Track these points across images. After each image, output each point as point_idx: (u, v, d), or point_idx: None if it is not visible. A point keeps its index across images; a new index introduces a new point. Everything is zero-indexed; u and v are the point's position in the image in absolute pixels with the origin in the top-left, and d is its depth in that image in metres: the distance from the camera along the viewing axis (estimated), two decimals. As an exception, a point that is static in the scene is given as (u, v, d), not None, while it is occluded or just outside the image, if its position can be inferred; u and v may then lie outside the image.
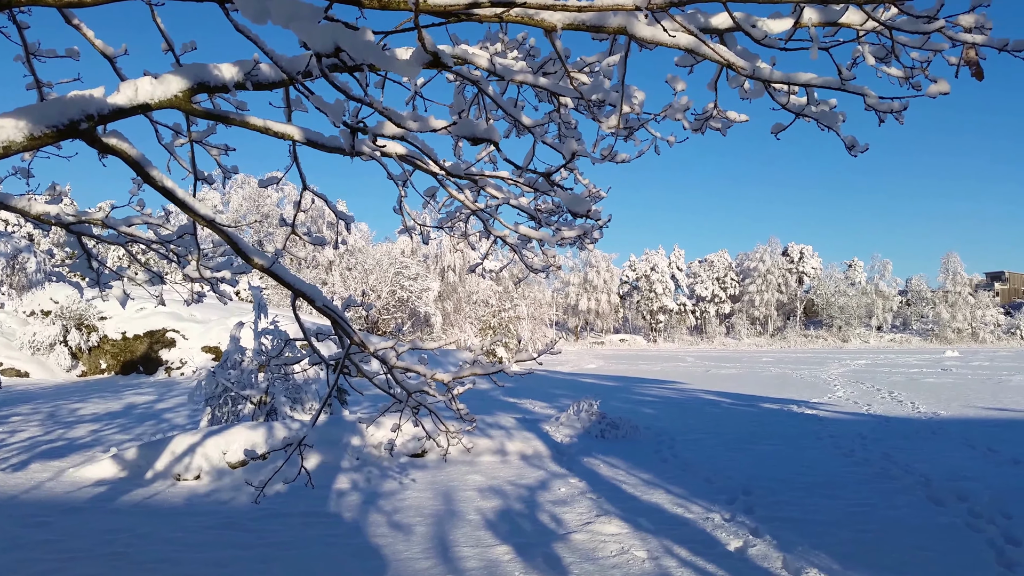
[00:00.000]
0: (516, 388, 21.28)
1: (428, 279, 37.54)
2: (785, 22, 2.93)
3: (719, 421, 13.93)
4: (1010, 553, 5.62)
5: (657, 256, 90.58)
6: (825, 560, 5.45)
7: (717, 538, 6.01)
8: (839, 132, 2.87)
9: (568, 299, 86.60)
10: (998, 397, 18.64)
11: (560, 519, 6.61)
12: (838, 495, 7.59)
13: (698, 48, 2.75)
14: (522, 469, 8.88)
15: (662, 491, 7.73)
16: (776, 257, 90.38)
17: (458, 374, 4.34)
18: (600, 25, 2.89)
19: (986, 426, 13.01)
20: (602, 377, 28.14)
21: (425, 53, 1.66)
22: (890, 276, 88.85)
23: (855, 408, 16.39)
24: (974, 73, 2.45)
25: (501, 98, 4.80)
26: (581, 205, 3.02)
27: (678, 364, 40.06)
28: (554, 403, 16.63)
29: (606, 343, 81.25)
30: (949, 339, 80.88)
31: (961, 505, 7.13)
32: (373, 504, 7.20)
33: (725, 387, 22.97)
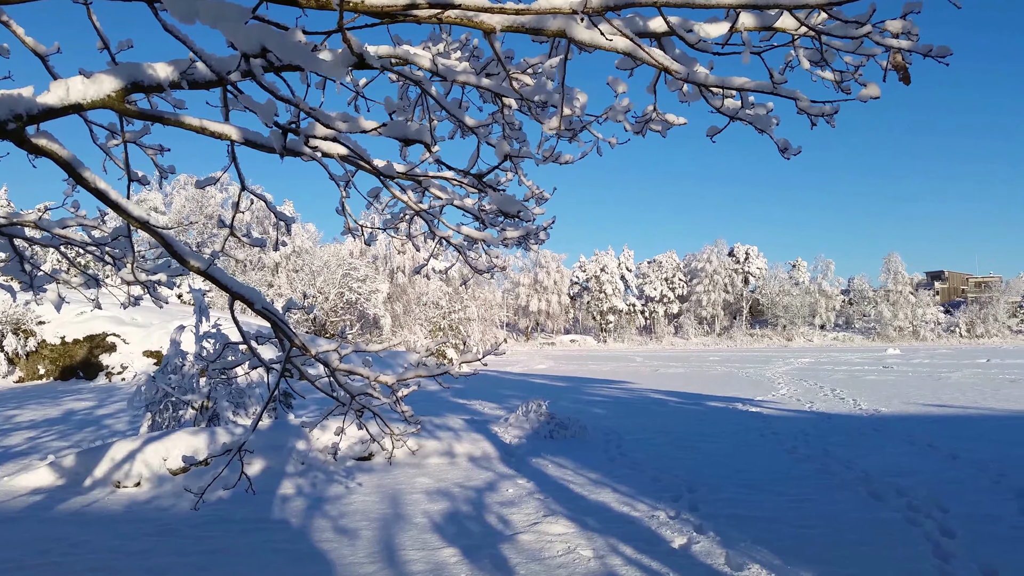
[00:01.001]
0: (466, 389, 21.24)
1: (377, 281, 37.24)
2: (721, 26, 2.98)
3: (666, 420, 14.10)
4: (946, 546, 5.79)
5: (607, 257, 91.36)
6: (767, 555, 5.55)
7: (662, 536, 6.08)
8: (772, 135, 2.92)
9: (519, 300, 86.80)
10: (937, 394, 19.22)
11: (507, 520, 6.61)
12: (780, 491, 7.74)
13: (635, 52, 2.78)
14: (470, 471, 8.86)
15: (609, 490, 7.79)
16: (723, 258, 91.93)
17: (402, 376, 4.31)
18: (539, 28, 2.91)
19: (926, 422, 13.40)
20: (552, 377, 28.26)
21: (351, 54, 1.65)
22: (833, 276, 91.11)
23: (798, 406, 16.75)
24: (901, 78, 2.52)
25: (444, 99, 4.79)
26: (512, 206, 3.02)
27: (627, 364, 40.46)
28: (504, 404, 16.65)
29: (557, 344, 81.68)
30: (890, 337, 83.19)
31: (900, 500, 7.32)
32: (318, 509, 7.11)
33: (673, 386, 23.27)
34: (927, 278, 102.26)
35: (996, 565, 5.29)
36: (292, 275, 37.17)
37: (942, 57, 2.41)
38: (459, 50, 4.87)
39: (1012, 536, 6.03)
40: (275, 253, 39.16)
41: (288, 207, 54.19)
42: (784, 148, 2.90)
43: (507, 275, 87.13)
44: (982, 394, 18.92)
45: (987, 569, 5.24)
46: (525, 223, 3.96)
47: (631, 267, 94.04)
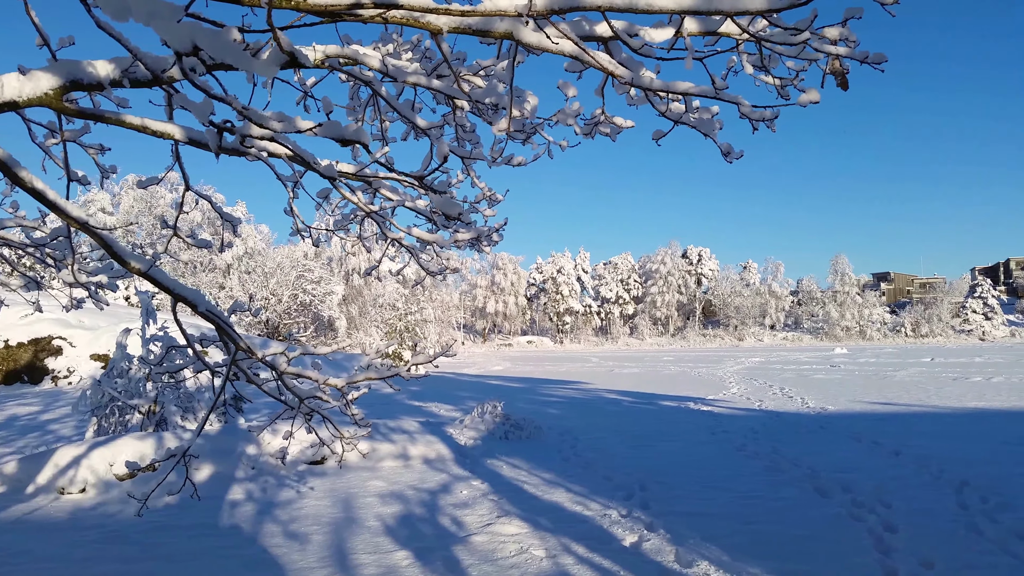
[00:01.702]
0: (422, 392, 21.14)
1: (332, 282, 36.86)
2: (667, 31, 3.02)
3: (620, 419, 14.22)
4: (888, 540, 5.94)
5: (563, 259, 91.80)
6: (716, 552, 5.63)
7: (613, 534, 6.13)
8: (716, 139, 2.98)
9: (476, 301, 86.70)
10: (883, 392, 19.70)
11: (461, 522, 6.61)
12: (730, 488, 7.86)
13: (581, 56, 2.81)
14: (425, 473, 8.83)
15: (563, 490, 7.83)
16: (676, 259, 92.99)
17: (352, 379, 4.28)
18: (487, 30, 2.92)
19: (871, 420, 13.73)
20: (509, 379, 28.29)
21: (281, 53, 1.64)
22: (782, 277, 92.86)
23: (748, 404, 17.03)
24: (839, 83, 2.58)
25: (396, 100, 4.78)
26: (452, 208, 3.03)
27: (583, 364, 40.69)
28: (460, 406, 16.61)
29: (514, 345, 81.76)
30: (838, 337, 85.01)
31: (845, 496, 7.48)
32: (268, 514, 7.02)
33: (627, 386, 23.48)
34: (873, 279, 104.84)
35: (934, 558, 5.45)
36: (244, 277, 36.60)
37: (878, 63, 2.48)
38: (410, 51, 4.86)
39: (950, 530, 6.21)
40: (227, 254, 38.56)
41: (241, 208, 53.36)
42: (727, 152, 2.96)
43: (464, 277, 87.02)
44: (926, 392, 19.45)
45: (925, 562, 5.39)
46: (467, 225, 3.96)
47: (587, 269, 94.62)
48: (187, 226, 37.77)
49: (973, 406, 15.81)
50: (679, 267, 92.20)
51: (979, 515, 6.60)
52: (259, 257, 38.94)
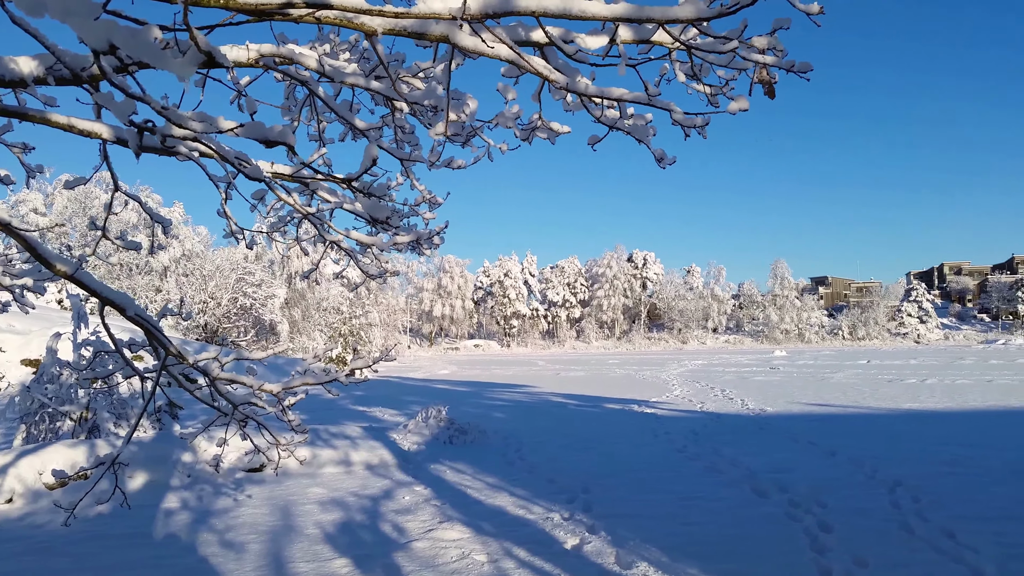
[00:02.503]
0: (367, 396, 20.94)
1: (274, 286, 36.25)
2: (602, 38, 3.04)
3: (565, 422, 14.29)
4: (823, 540, 6.06)
5: (511, 262, 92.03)
6: (655, 553, 5.69)
7: (555, 537, 6.14)
8: (649, 145, 3.01)
9: (422, 305, 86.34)
10: (820, 394, 20.19)
11: (402, 528, 6.55)
12: (670, 490, 7.96)
13: (518, 61, 2.81)
14: (367, 479, 8.74)
15: (506, 494, 7.83)
16: (622, 263, 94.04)
17: (288, 384, 4.21)
18: (422, 32, 2.90)
19: (808, 421, 14.04)
20: (455, 383, 28.21)
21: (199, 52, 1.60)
22: (724, 281, 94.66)
23: (690, 406, 17.28)
24: (766, 92, 2.63)
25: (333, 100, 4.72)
26: (380, 211, 3.00)
27: (530, 368, 40.80)
28: (405, 410, 16.50)
29: (461, 348, 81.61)
30: (778, 340, 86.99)
31: (782, 496, 7.63)
32: (204, 523, 6.86)
33: (573, 389, 23.61)
34: (812, 283, 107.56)
35: (867, 557, 5.58)
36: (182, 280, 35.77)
37: (803, 73, 2.54)
38: (348, 51, 4.80)
39: (883, 529, 6.37)
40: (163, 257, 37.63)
41: (178, 209, 52.07)
42: (660, 158, 2.99)
43: (411, 280, 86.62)
44: (861, 394, 19.98)
45: (859, 560, 5.52)
46: (397, 228, 3.93)
47: (534, 272, 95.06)
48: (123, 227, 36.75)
49: (907, 407, 16.30)
50: (625, 271, 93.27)
51: (911, 514, 6.78)
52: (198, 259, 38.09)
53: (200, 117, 1.85)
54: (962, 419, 13.93)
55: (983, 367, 31.50)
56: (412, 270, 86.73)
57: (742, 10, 2.46)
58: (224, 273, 34.96)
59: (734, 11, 2.38)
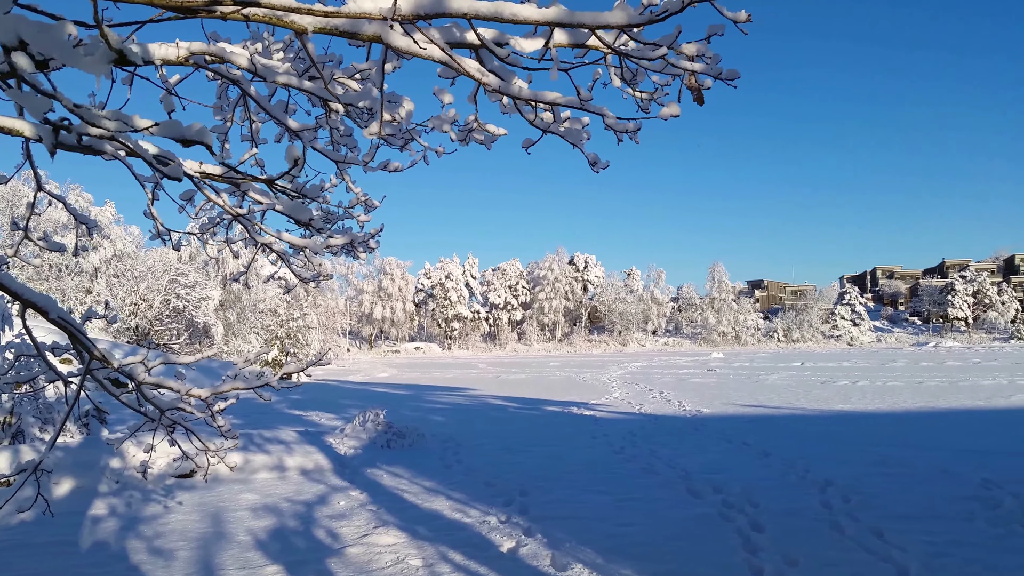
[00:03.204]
0: (303, 400, 20.62)
1: (208, 287, 35.39)
2: (537, 42, 3.05)
3: (504, 425, 14.29)
4: (755, 539, 6.18)
5: (452, 264, 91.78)
6: (590, 555, 5.72)
7: (492, 540, 6.13)
8: (583, 149, 3.02)
9: (362, 307, 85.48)
10: (755, 395, 20.62)
11: (336, 534, 6.46)
12: (607, 491, 8.02)
13: (451, 63, 2.79)
14: (301, 485, 8.59)
15: (443, 498, 7.79)
16: (563, 266, 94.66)
17: (217, 389, 4.11)
18: (354, 32, 2.86)
19: (743, 422, 14.33)
20: (394, 386, 27.99)
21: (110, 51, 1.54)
22: (664, 284, 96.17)
23: (629, 408, 17.48)
24: (695, 98, 2.67)
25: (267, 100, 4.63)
26: (302, 213, 2.96)
27: (471, 371, 40.72)
28: (342, 414, 16.29)
29: (401, 351, 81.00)
30: (715, 342, 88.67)
31: (716, 496, 7.76)
32: (132, 530, 6.65)
33: (513, 392, 23.65)
34: (748, 286, 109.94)
35: (798, 556, 5.70)
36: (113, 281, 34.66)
37: (731, 80, 2.58)
38: (282, 51, 4.72)
39: (813, 528, 6.51)
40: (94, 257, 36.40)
41: (109, 209, 50.43)
42: (593, 162, 3.01)
43: (350, 282, 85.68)
44: (795, 395, 20.49)
45: (790, 560, 5.63)
46: (327, 231, 3.87)
47: (476, 275, 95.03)
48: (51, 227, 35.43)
49: (839, 409, 16.76)
50: (566, 273, 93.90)
51: (841, 514, 6.95)
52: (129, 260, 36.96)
53: (115, 116, 1.79)
54: (892, 420, 14.39)
55: (914, 369, 32.60)
56: (352, 272, 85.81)
57: (672, 16, 2.50)
58: (156, 274, 33.99)
59: (663, 18, 2.41)
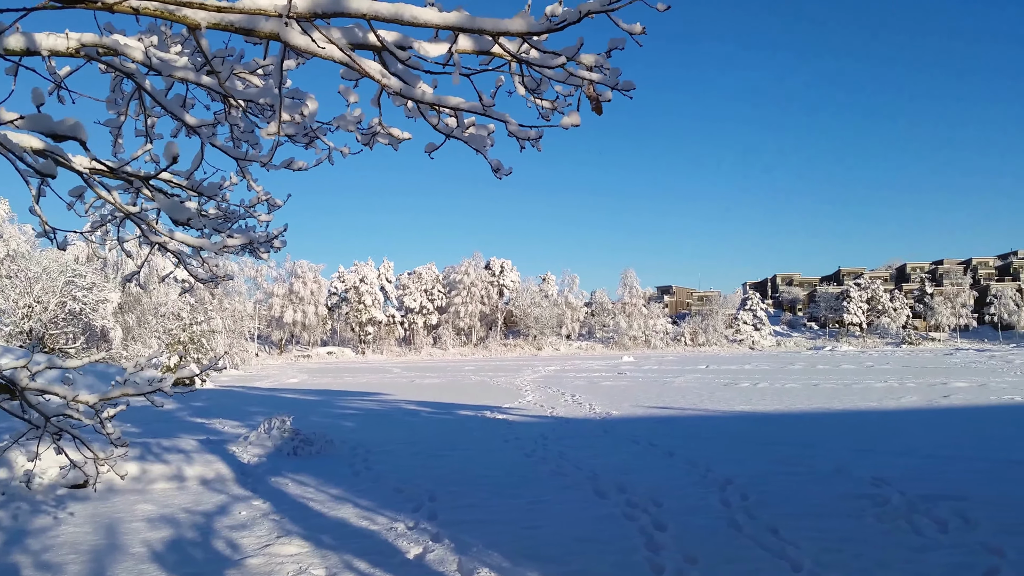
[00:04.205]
0: (207, 407, 19.99)
1: (106, 289, 33.85)
2: (442, 46, 3.04)
3: (417, 430, 14.19)
4: (657, 538, 6.30)
5: (367, 268, 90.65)
6: (497, 559, 5.73)
7: (398, 547, 6.07)
8: (486, 155, 3.03)
9: (272, 311, 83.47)
10: (662, 397, 21.10)
11: (237, 544, 6.26)
12: (516, 494, 8.06)
13: (350, 63, 2.76)
14: (201, 494, 8.31)
15: (350, 505, 7.66)
16: (480, 271, 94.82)
17: (106, 395, 3.94)
18: (251, 28, 2.79)
19: (650, 423, 14.64)
20: (304, 391, 27.43)
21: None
22: (578, 289, 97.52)
23: (541, 411, 17.63)
24: (594, 107, 2.71)
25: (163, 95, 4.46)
26: (181, 213, 2.88)
27: (384, 375, 40.30)
28: (247, 421, 15.85)
29: (313, 356, 79.48)
30: (627, 346, 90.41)
31: (621, 496, 7.89)
32: (18, 543, 6.29)
33: (427, 397, 23.51)
34: (658, 292, 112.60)
35: (697, 554, 5.84)
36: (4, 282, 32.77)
37: (627, 91, 2.64)
38: (180, 44, 4.56)
39: (713, 526, 6.69)
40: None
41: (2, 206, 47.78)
42: (496, 168, 3.02)
43: (259, 285, 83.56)
44: (700, 397, 21.07)
45: (689, 558, 5.77)
46: (215, 230, 3.77)
47: (391, 278, 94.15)
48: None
49: (741, 410, 17.32)
50: (482, 278, 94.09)
51: (739, 512, 7.17)
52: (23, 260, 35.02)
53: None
54: (790, 421, 14.95)
55: (811, 372, 33.98)
56: (261, 275, 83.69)
57: (571, 26, 2.53)
58: (52, 275, 32.28)
59: (561, 27, 2.44)
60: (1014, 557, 5.52)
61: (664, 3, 2.48)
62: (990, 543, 5.87)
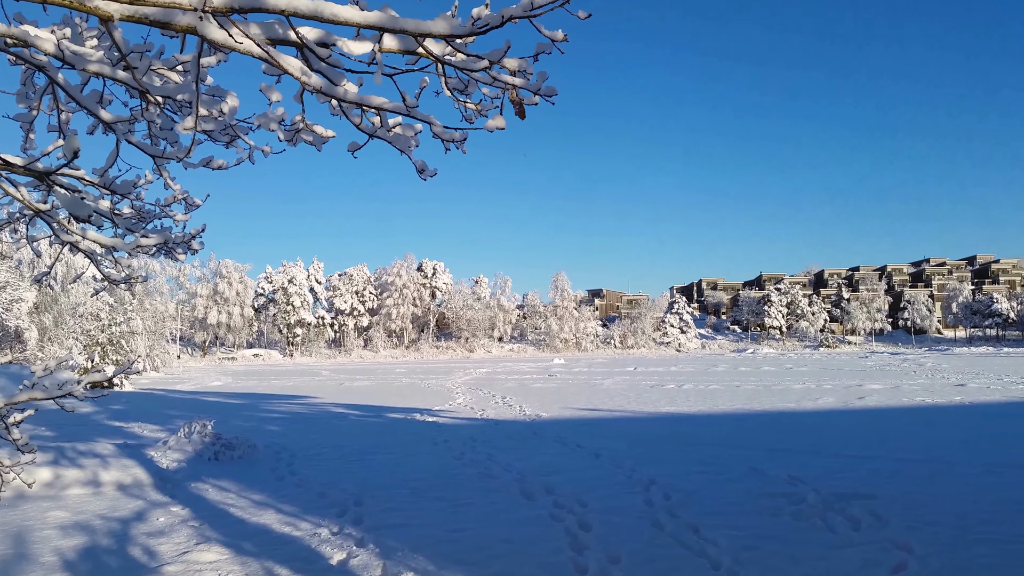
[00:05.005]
0: (126, 411, 19.34)
1: (21, 288, 32.39)
2: (366, 45, 3.02)
3: (344, 434, 14.01)
4: (582, 538, 6.37)
5: (296, 269, 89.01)
6: (422, 562, 5.70)
7: (321, 553, 5.98)
8: (411, 156, 3.02)
9: (195, 312, 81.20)
10: (591, 399, 21.33)
11: (154, 552, 6.08)
12: (443, 497, 8.04)
13: (269, 59, 2.71)
14: (118, 501, 8.04)
15: (273, 511, 7.52)
16: (412, 272, 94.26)
17: (12, 399, 3.79)
18: (167, 22, 2.72)
19: (578, 425, 14.79)
20: (228, 395, 26.79)
21: None
22: (510, 292, 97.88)
23: (471, 413, 17.62)
24: (517, 112, 2.74)
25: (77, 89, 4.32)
26: (80, 209, 2.80)
27: (312, 378, 39.65)
28: (167, 425, 15.39)
29: (238, 358, 77.64)
30: (558, 348, 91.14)
31: (548, 497, 7.95)
32: (-87, 559, 5.97)
33: (356, 400, 23.24)
34: (589, 295, 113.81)
35: (620, 553, 5.93)
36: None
37: (549, 96, 2.67)
38: (96, 38, 4.41)
39: (636, 526, 6.80)
40: None
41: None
42: (421, 169, 3.01)
43: (182, 285, 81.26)
44: (627, 398, 21.39)
45: (612, 557, 5.85)
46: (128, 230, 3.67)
47: (321, 279, 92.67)
48: None
49: (666, 411, 17.66)
50: (415, 280, 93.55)
51: (662, 511, 7.31)
52: (-71, 258, 33.29)
53: None
54: (712, 421, 15.31)
55: (733, 374, 34.86)
56: (184, 275, 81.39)
57: (494, 30, 2.55)
58: (-42, 274, 30.76)
59: (484, 31, 2.46)
60: (921, 552, 5.78)
61: (585, 11, 2.52)
62: (898, 540, 6.13)
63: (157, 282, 69.05)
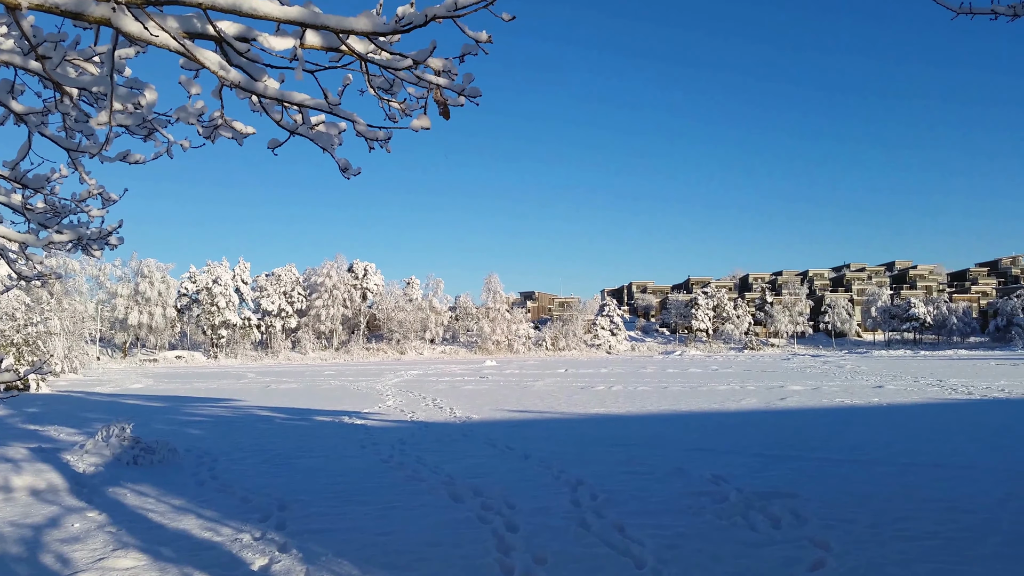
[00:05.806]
0: (42, 413, 18.58)
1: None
2: (288, 41, 2.98)
3: (268, 438, 13.74)
4: (509, 539, 6.40)
5: (221, 268, 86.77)
6: (347, 567, 5.65)
7: (243, 559, 5.87)
8: (333, 154, 3.00)
9: (116, 312, 78.44)
10: (521, 401, 21.42)
11: (68, 559, 5.87)
12: (369, 501, 7.97)
13: (186, 53, 2.66)
14: (30, 506, 7.72)
15: (193, 516, 7.33)
16: (342, 273, 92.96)
17: (-90, 402, 3.60)
18: (80, 12, 2.65)
19: (508, 426, 14.85)
20: (149, 397, 25.96)
21: None
22: (442, 293, 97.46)
23: (401, 416, 17.49)
24: (441, 112, 2.75)
25: (-16, 78, 4.16)
26: None
27: (237, 381, 38.71)
28: (84, 429, 14.84)
29: (160, 360, 75.22)
30: (490, 350, 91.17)
31: (476, 500, 7.96)
32: None
33: (282, 402, 22.80)
34: (521, 297, 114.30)
35: (546, 554, 5.98)
36: None
37: (474, 97, 2.69)
38: (6, 26, 4.24)
39: (563, 526, 6.87)
40: None
41: None
42: (344, 168, 3.00)
43: (102, 284, 78.43)
44: (557, 400, 21.56)
45: (539, 558, 5.90)
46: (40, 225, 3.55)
47: (247, 280, 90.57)
48: None
49: (595, 412, 17.87)
50: (345, 281, 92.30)
51: (588, 511, 7.40)
52: None
53: None
54: (639, 422, 15.57)
55: (661, 375, 35.49)
56: (104, 273, 78.55)
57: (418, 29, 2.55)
58: None
59: (407, 29, 2.46)
60: (838, 550, 6.00)
61: (509, 14, 2.55)
62: (817, 537, 6.35)
63: (76, 281, 66.47)
